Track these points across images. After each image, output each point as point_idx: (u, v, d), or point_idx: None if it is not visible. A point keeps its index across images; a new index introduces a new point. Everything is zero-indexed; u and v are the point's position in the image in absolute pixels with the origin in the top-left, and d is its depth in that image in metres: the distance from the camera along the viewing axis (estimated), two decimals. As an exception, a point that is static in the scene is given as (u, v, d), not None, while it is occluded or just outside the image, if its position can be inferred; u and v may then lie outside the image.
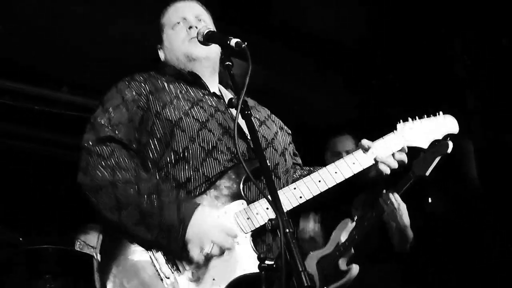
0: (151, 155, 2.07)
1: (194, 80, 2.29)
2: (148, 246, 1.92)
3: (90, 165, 1.97)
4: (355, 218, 3.62)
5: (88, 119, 2.18)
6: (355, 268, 3.46)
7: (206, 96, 2.24)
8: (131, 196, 1.88)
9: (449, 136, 2.25)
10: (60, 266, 3.70)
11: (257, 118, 2.31)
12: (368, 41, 5.37)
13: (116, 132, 2.03)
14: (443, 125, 2.21)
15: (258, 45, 4.90)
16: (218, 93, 2.33)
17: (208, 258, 1.85)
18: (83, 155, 2.03)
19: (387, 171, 2.09)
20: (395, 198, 3.38)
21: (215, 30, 2.23)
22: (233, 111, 2.15)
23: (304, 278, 1.43)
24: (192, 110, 2.12)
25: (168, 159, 2.03)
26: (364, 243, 3.51)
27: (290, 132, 2.49)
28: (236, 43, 1.97)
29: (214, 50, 2.30)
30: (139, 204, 1.88)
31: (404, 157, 2.14)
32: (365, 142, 2.12)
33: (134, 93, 2.14)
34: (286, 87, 5.84)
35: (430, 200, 6.45)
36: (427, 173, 3.12)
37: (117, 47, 4.72)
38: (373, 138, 2.27)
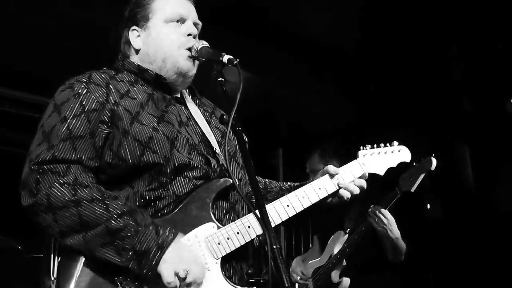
0: (116, 174, 1.92)
1: (159, 83, 2.13)
2: (115, 269, 1.80)
3: (43, 183, 1.79)
4: (348, 230, 3.66)
5: (39, 120, 1.96)
6: (345, 282, 3.50)
7: (171, 105, 2.11)
8: (99, 216, 1.76)
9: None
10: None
11: (218, 129, 2.22)
12: (364, 46, 5.41)
13: (76, 148, 1.86)
14: (398, 154, 2.38)
15: (254, 50, 4.98)
16: (179, 97, 2.21)
17: (180, 282, 1.78)
18: (30, 172, 1.82)
19: (348, 195, 2.21)
20: (383, 214, 3.41)
21: (208, 45, 2.14)
22: (197, 121, 2.14)
23: (290, 294, 1.46)
24: (160, 125, 1.98)
25: (137, 179, 1.92)
26: (357, 255, 3.55)
27: (246, 139, 2.32)
28: (229, 59, 1.94)
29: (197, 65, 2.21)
30: (108, 225, 1.75)
31: (363, 183, 2.25)
32: (331, 168, 2.20)
33: (95, 101, 1.94)
34: (282, 92, 5.87)
35: (428, 206, 6.49)
36: (413, 189, 3.23)
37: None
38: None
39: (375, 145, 2.36)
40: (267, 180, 2.45)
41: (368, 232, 3.48)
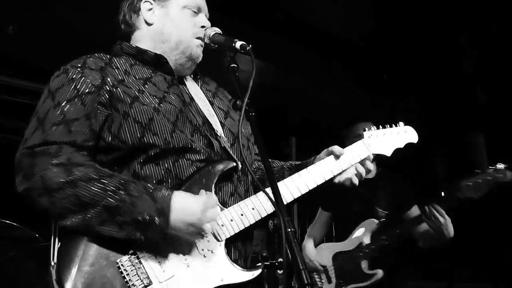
0: (116, 156, 1.90)
1: (159, 64, 2.10)
2: (117, 252, 1.78)
3: (37, 166, 1.76)
4: (382, 220, 3.52)
5: (34, 108, 1.91)
6: (380, 274, 3.39)
7: (172, 86, 2.08)
8: (96, 195, 1.72)
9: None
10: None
11: (221, 109, 2.19)
12: (376, 36, 5.40)
13: (70, 131, 1.84)
14: (404, 135, 2.34)
15: (266, 41, 4.98)
16: (181, 77, 2.19)
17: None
18: (22, 156, 1.79)
19: (351, 177, 2.17)
20: (440, 213, 3.21)
21: (220, 31, 2.13)
22: (199, 102, 2.11)
23: (304, 276, 1.46)
24: (161, 106, 1.95)
25: (138, 161, 1.89)
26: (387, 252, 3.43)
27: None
28: (241, 45, 1.94)
29: None
30: (106, 202, 1.72)
31: (370, 165, 2.22)
32: (336, 149, 2.16)
33: (90, 84, 1.90)
34: (294, 83, 5.87)
35: (443, 194, 6.45)
36: (477, 197, 3.06)
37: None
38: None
39: (380, 126, 2.31)
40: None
41: (413, 228, 3.37)
